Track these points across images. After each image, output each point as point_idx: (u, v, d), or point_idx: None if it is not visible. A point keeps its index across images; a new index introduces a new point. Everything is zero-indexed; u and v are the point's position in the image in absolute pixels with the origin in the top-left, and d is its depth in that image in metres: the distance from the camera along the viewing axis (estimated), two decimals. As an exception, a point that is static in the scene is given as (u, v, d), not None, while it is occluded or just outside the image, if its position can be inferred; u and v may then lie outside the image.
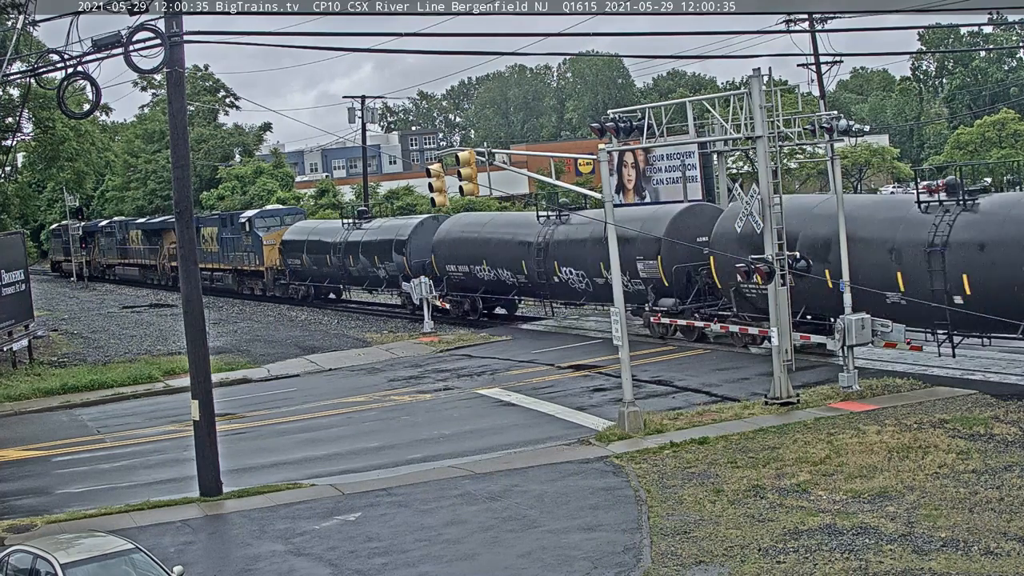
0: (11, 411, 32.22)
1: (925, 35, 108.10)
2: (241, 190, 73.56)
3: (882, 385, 26.18)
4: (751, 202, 25.35)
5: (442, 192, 26.33)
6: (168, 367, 36.85)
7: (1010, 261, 25.10)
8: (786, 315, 25.56)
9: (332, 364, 37.05)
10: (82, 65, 20.90)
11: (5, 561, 14.80)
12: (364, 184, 71.48)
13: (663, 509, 18.20)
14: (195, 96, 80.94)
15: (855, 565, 14.98)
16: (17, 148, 47.70)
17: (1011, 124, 77.50)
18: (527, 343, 38.12)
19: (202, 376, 21.78)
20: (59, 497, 22.57)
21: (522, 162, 70.98)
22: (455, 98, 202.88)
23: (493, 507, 19.17)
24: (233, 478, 22.29)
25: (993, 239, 25.62)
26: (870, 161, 72.41)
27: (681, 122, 29.92)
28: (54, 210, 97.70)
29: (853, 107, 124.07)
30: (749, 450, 21.39)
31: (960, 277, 25.96)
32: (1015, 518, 16.33)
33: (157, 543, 18.10)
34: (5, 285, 38.07)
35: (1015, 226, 25.38)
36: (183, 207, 22.04)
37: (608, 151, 25.47)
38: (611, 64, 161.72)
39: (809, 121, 28.29)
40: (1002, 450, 20.10)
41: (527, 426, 25.78)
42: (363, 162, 72.73)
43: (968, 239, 26.01)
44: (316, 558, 17.24)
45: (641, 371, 29.98)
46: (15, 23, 34.82)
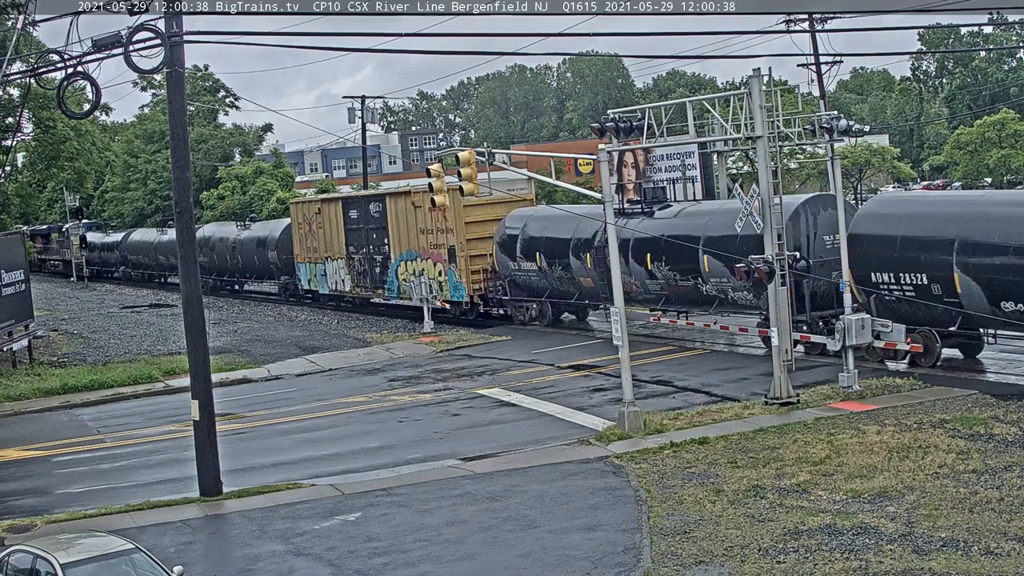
0: (11, 411, 32.21)
1: (925, 35, 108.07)
2: (241, 190, 73.51)
3: (882, 385, 26.19)
4: (751, 202, 25.37)
5: (442, 192, 26.34)
6: (168, 367, 36.83)
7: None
8: (786, 315, 25.57)
9: (332, 364, 37.05)
10: (82, 65, 20.92)
11: (5, 561, 14.80)
12: (364, 184, 71.53)
13: (663, 509, 18.20)
14: (195, 96, 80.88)
15: (855, 565, 14.98)
16: (17, 148, 47.69)
17: (1011, 124, 77.49)
18: (527, 343, 38.11)
19: (202, 376, 21.78)
20: (59, 497, 22.57)
21: (522, 162, 70.95)
22: (455, 98, 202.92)
23: (493, 507, 19.18)
24: (233, 478, 22.30)
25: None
26: (870, 161, 72.39)
27: (681, 122, 29.92)
28: (54, 210, 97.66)
29: (853, 107, 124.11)
30: (749, 450, 21.40)
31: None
32: (1015, 518, 16.34)
33: (157, 543, 18.11)
34: (5, 285, 38.06)
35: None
36: (183, 207, 22.03)
37: (608, 151, 25.47)
38: (611, 64, 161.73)
39: (809, 121, 28.27)
40: (1002, 450, 20.10)
41: (527, 426, 25.78)
42: (363, 162, 72.82)
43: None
44: (316, 558, 17.25)
45: (641, 371, 29.99)
46: (15, 23, 34.82)
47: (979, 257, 26.07)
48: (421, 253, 44.42)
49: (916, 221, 28.09)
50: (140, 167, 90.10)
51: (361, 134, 69.76)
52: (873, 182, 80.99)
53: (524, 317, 41.56)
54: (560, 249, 38.35)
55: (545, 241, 39.07)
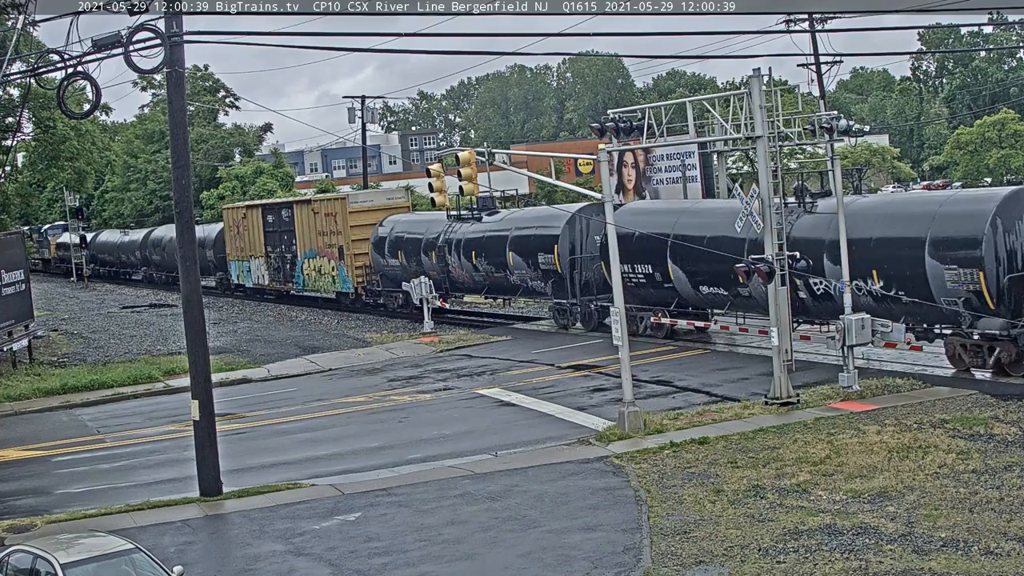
0: (11, 411, 32.21)
1: (925, 35, 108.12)
2: (241, 190, 73.53)
3: (882, 385, 26.19)
4: (750, 202, 25.36)
5: (442, 192, 26.35)
6: (168, 367, 36.84)
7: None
8: (786, 315, 25.57)
9: (332, 364, 37.06)
10: (82, 65, 20.91)
11: (5, 561, 14.79)
12: (364, 184, 71.54)
13: (663, 509, 18.20)
14: (195, 96, 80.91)
15: (855, 565, 14.98)
16: (17, 148, 47.69)
17: (1011, 124, 77.50)
18: (527, 343, 38.12)
19: (202, 376, 21.77)
20: (59, 497, 22.57)
21: (522, 162, 70.97)
22: (455, 98, 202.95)
23: (493, 507, 19.17)
24: (233, 478, 22.30)
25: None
26: (870, 161, 72.46)
27: (681, 122, 29.94)
28: (54, 210, 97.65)
29: (853, 107, 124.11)
30: (749, 450, 21.40)
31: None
32: (1015, 518, 16.34)
33: (157, 543, 18.11)
34: (5, 285, 38.07)
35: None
36: (183, 207, 22.03)
37: (608, 151, 25.46)
38: (611, 64, 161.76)
39: (809, 121, 28.27)
40: (1002, 450, 20.10)
41: (527, 426, 25.78)
42: (363, 162, 72.84)
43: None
44: (316, 558, 17.25)
45: (641, 371, 29.99)
46: (15, 23, 34.82)
47: (685, 250, 32.87)
48: (320, 252, 51.94)
49: (645, 222, 34.88)
50: (140, 167, 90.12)
51: (361, 134, 69.78)
52: (873, 182, 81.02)
53: (394, 305, 48.28)
54: (415, 248, 46.10)
55: (405, 241, 46.94)
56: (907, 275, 27.07)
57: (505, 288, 42.36)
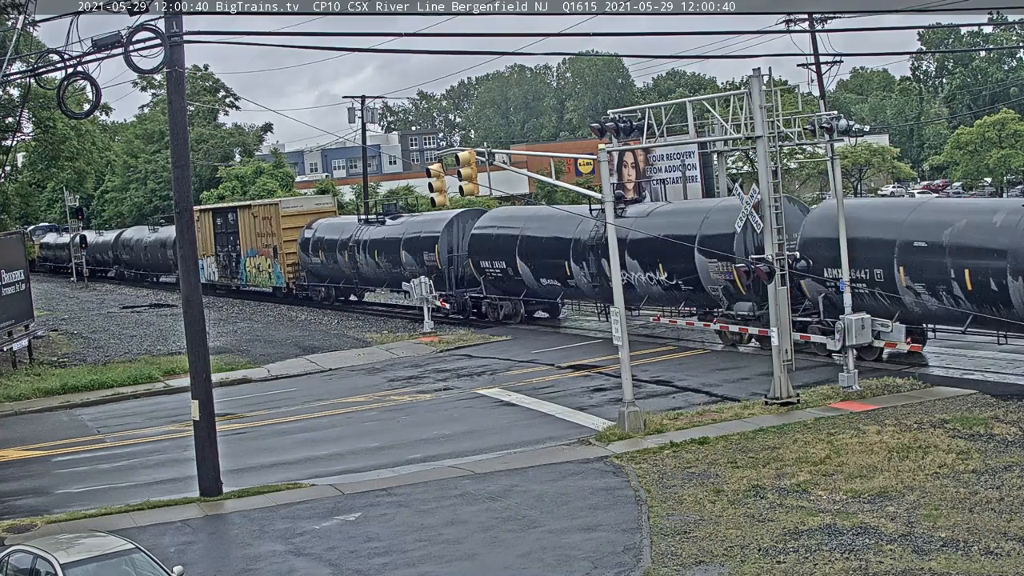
0: (11, 411, 32.21)
1: (925, 35, 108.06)
2: (241, 190, 73.49)
3: (882, 385, 26.19)
4: (750, 202, 25.37)
5: (442, 192, 26.34)
6: (168, 367, 36.84)
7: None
8: (786, 315, 25.57)
9: (332, 364, 37.05)
10: (82, 65, 20.91)
11: (5, 561, 14.80)
12: (364, 184, 71.50)
13: (663, 509, 18.20)
14: (195, 96, 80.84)
15: (855, 565, 14.98)
16: (17, 148, 47.69)
17: (1011, 124, 77.40)
18: (527, 343, 38.13)
19: (202, 376, 21.77)
20: (59, 497, 22.57)
21: (522, 162, 71.00)
22: (455, 98, 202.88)
23: (493, 507, 19.18)
24: (233, 478, 22.30)
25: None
26: (870, 161, 72.42)
27: (681, 122, 29.92)
28: (54, 210, 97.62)
29: (853, 107, 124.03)
30: (749, 450, 21.40)
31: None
32: (1015, 518, 16.34)
33: (157, 543, 18.11)
34: (5, 285, 38.05)
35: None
36: (183, 207, 22.04)
37: (608, 151, 25.45)
38: (611, 64, 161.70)
39: (809, 121, 28.28)
40: (1002, 450, 20.10)
41: (527, 426, 25.78)
42: (363, 162, 72.77)
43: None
44: (316, 558, 17.25)
45: (641, 371, 29.99)
46: (15, 23, 34.82)
47: (528, 249, 40.20)
48: (258, 251, 58.00)
49: (500, 226, 42.35)
50: (140, 167, 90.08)
51: (361, 134, 69.71)
52: (873, 182, 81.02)
53: (318, 297, 54.70)
54: (333, 247, 52.27)
55: (325, 242, 53.07)
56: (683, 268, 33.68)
57: (401, 282, 46.72)
